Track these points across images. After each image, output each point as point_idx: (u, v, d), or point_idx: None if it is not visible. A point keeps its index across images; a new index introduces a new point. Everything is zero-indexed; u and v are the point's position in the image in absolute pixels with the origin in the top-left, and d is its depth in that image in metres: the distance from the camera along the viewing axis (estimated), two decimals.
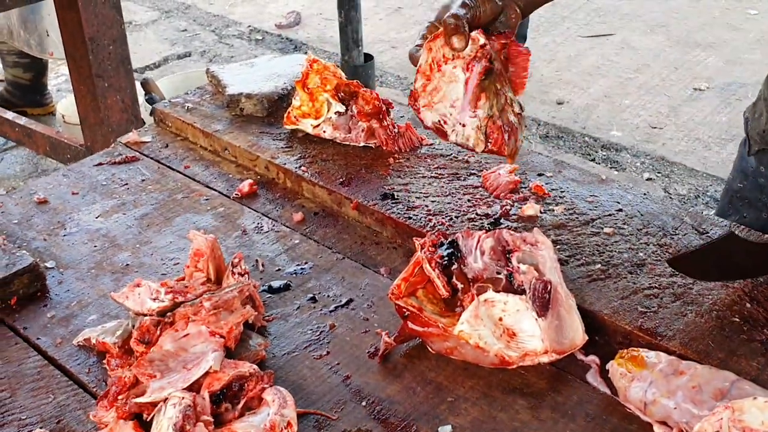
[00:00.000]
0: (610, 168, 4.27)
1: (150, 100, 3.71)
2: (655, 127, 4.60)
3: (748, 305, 1.30)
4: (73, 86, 3.22)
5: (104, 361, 1.27)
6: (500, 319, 1.24)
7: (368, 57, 4.07)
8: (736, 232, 1.33)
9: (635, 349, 1.21)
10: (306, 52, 5.88)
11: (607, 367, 1.21)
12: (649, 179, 4.17)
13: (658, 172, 4.22)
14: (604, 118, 4.69)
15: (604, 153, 4.40)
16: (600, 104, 4.82)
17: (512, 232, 1.34)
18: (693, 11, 5.85)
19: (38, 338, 1.35)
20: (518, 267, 1.28)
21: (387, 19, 6.17)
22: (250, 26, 6.24)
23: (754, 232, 1.33)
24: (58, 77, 5.19)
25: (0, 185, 4.24)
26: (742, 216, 1.72)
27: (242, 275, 1.34)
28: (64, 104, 4.04)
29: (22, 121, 3.77)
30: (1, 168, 4.41)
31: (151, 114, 1.93)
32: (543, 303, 1.24)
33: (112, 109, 3.16)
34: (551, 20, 5.93)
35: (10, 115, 3.84)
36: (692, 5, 5.96)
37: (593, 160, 4.36)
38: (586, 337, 1.24)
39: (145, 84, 3.79)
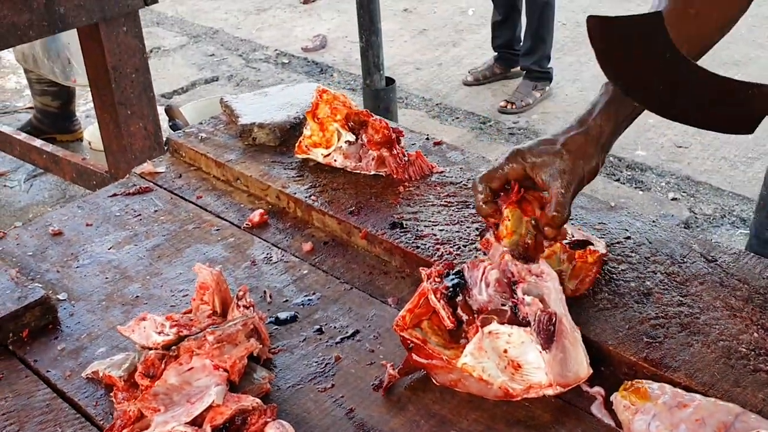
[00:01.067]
0: (635, 188, 4.24)
1: (174, 127, 3.75)
2: (680, 146, 4.57)
3: (756, 334, 1.28)
4: (97, 114, 3.27)
5: (111, 394, 1.28)
6: (505, 351, 1.23)
7: (390, 81, 4.09)
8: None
9: (639, 381, 1.20)
10: (332, 75, 5.93)
11: (611, 399, 1.20)
12: (674, 199, 4.13)
13: (684, 192, 4.18)
14: (628, 138, 4.64)
15: (629, 173, 4.38)
16: None
17: (517, 263, 1.34)
18: None
19: (48, 371, 1.36)
20: (523, 298, 1.28)
21: (412, 41, 6.20)
22: (276, 50, 6.29)
23: None
24: (87, 104, 5.24)
25: (29, 211, 4.30)
26: None
27: (247, 308, 1.35)
28: (90, 131, 4.10)
29: (49, 148, 3.83)
30: (30, 194, 4.47)
31: (165, 144, 1.95)
32: (548, 335, 1.23)
33: (135, 137, 3.20)
34: (576, 39, 5.92)
35: (38, 142, 3.91)
36: None
37: (618, 180, 4.33)
38: (591, 371, 1.23)
39: (168, 110, 3.84)
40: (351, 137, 1.77)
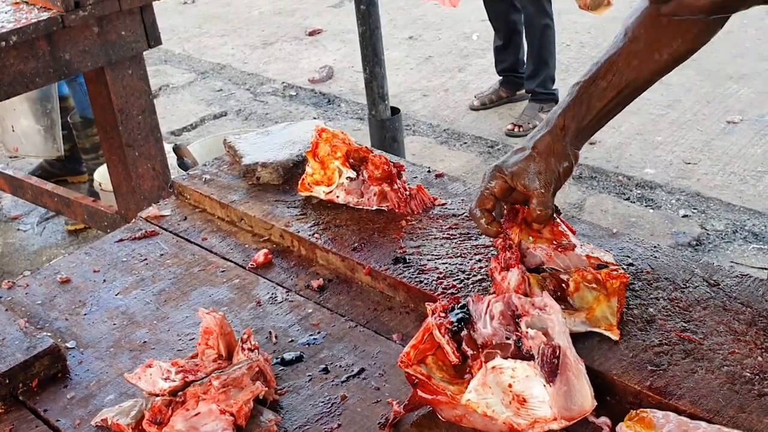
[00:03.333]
0: (645, 206, 4.24)
1: (182, 165, 3.78)
2: (689, 163, 4.56)
3: (760, 358, 1.28)
4: (105, 157, 3.31)
5: None
6: (510, 386, 1.23)
7: (395, 110, 4.11)
8: None
9: (644, 410, 1.20)
10: (339, 105, 5.96)
11: (617, 429, 1.20)
12: (685, 216, 4.13)
13: (694, 209, 4.17)
14: (637, 156, 4.66)
15: (639, 191, 4.37)
16: (632, 142, 4.80)
17: (521, 296, 1.34)
18: (723, 43, 5.80)
19: (58, 420, 1.38)
20: (527, 332, 1.28)
21: (418, 68, 6.23)
22: (283, 83, 6.34)
23: None
24: None
25: (42, 254, 4.34)
26: None
27: (252, 350, 1.35)
28: (101, 172, 4.14)
29: (61, 191, 3.87)
30: (43, 237, 4.51)
31: (170, 188, 1.97)
32: (552, 368, 1.23)
33: (144, 177, 3.23)
34: (580, 60, 5.94)
35: (49, 185, 3.95)
36: (722, 37, 5.87)
37: (628, 199, 4.33)
38: (595, 403, 1.23)
39: (176, 149, 3.88)
40: (352, 174, 1.79)
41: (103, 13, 2.90)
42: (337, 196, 1.80)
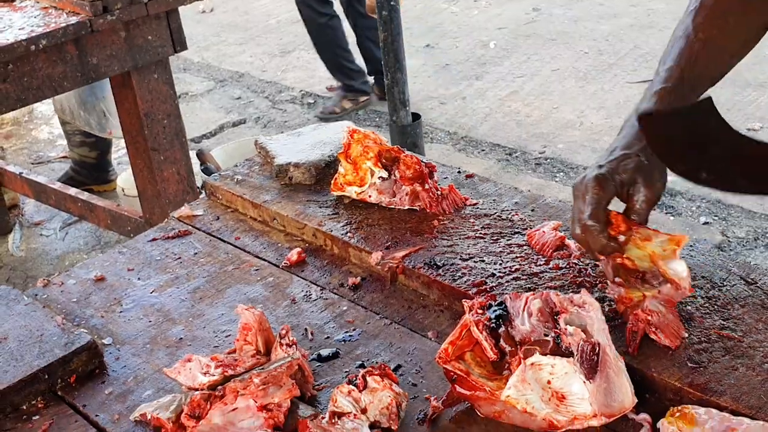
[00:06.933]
0: (666, 213, 4.23)
1: (205, 170, 3.80)
2: None
3: None
4: (131, 161, 3.33)
5: None
6: (549, 383, 1.24)
7: (416, 116, 4.12)
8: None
9: (686, 406, 1.20)
10: (358, 113, 5.98)
11: (658, 426, 1.20)
12: (706, 223, 4.11)
13: (715, 216, 4.16)
14: None
15: None
16: None
17: (559, 293, 1.34)
18: None
19: (97, 415, 1.38)
20: (566, 329, 1.28)
21: (435, 75, 6.24)
22: (302, 90, 6.36)
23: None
24: (118, 151, 5.32)
25: (65, 259, 4.36)
26: None
27: (290, 346, 1.36)
28: (124, 177, 4.16)
29: (84, 196, 3.89)
30: (66, 242, 4.54)
31: (201, 188, 1.98)
32: (591, 365, 1.23)
33: (169, 182, 3.24)
34: (599, 68, 5.94)
35: (72, 191, 3.97)
36: None
37: None
38: (636, 400, 1.23)
39: (200, 155, 3.90)
40: (384, 174, 1.79)
41: (131, 17, 2.93)
42: (370, 196, 1.81)
